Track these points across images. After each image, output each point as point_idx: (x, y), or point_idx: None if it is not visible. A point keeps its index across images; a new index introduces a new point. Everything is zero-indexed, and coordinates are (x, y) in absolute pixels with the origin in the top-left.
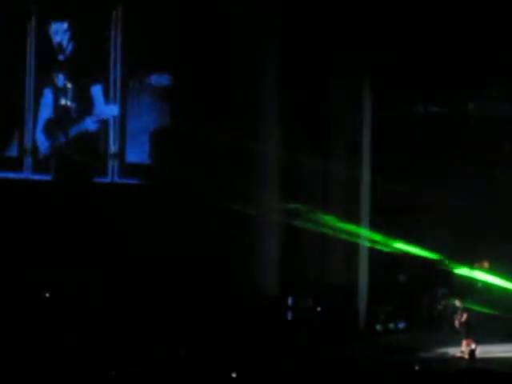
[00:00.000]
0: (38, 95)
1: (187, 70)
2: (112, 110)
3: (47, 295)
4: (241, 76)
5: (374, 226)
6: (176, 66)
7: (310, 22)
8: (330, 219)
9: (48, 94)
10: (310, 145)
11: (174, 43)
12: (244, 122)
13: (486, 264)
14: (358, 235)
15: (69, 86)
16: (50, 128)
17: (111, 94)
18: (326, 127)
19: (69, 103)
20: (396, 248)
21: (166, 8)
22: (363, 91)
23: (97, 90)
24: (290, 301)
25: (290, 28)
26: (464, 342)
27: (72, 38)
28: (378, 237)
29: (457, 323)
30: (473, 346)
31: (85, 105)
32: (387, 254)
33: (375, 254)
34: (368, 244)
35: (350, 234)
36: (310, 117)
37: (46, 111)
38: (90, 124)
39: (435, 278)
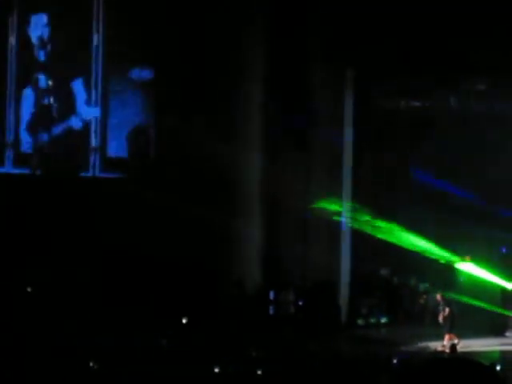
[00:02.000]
0: (20, 93)
1: (169, 64)
2: (95, 112)
3: (28, 290)
4: (223, 69)
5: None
6: (158, 59)
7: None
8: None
9: (29, 93)
10: (292, 140)
11: (156, 37)
12: (226, 115)
13: (468, 258)
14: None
15: (50, 83)
16: (33, 126)
17: (93, 88)
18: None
19: (51, 102)
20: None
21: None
22: (346, 84)
23: (78, 85)
24: (271, 295)
25: (274, 21)
26: (446, 336)
27: (52, 32)
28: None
29: (440, 317)
30: (455, 341)
31: (67, 103)
32: (369, 246)
33: (357, 248)
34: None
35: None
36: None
37: (27, 110)
38: (74, 123)
39: (417, 272)
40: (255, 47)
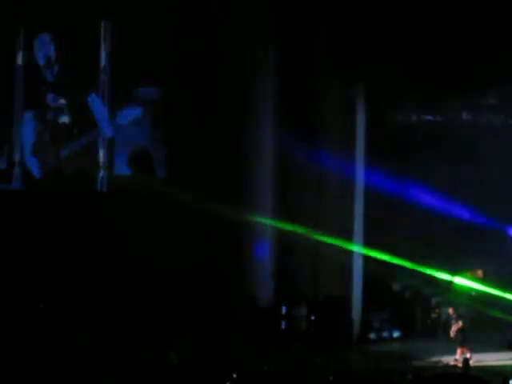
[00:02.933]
0: (27, 113)
1: (176, 80)
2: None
3: (41, 306)
4: (231, 84)
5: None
6: (165, 77)
7: (305, 25)
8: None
9: (38, 113)
10: (303, 151)
11: (164, 55)
12: (235, 128)
13: (480, 272)
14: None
15: (62, 102)
16: (44, 145)
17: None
18: (320, 133)
19: (66, 120)
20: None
21: (155, 20)
22: (357, 98)
23: (95, 101)
24: (283, 310)
25: (284, 31)
26: (459, 351)
27: (59, 51)
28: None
29: (452, 332)
30: (468, 355)
31: (84, 117)
32: (381, 262)
33: (369, 263)
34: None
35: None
36: (304, 117)
37: (36, 129)
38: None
39: (429, 286)
40: (265, 62)
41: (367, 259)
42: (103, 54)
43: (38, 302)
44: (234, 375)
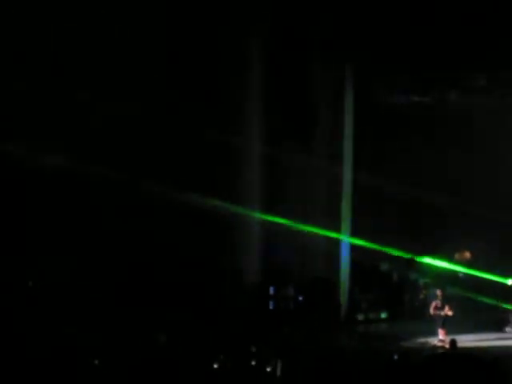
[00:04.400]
0: None
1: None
2: None
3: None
4: (223, 70)
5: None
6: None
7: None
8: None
9: None
10: (293, 136)
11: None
12: (229, 123)
13: (468, 254)
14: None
15: None
16: None
17: None
18: (312, 120)
19: None
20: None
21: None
22: (346, 82)
23: None
24: (271, 290)
25: (274, 22)
26: (441, 331)
27: None
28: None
29: (432, 309)
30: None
31: None
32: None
33: (357, 244)
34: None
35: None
36: (294, 106)
37: None
38: None
39: (417, 268)
40: (255, 48)
41: (355, 242)
42: None
43: (26, 280)
44: (222, 356)
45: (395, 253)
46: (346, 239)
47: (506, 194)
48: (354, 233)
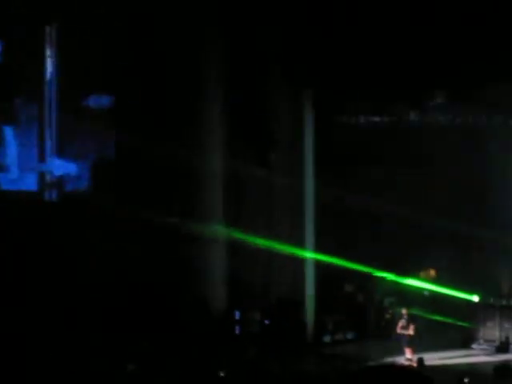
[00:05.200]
0: None
1: (128, 88)
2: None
3: None
4: (182, 88)
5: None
6: (116, 84)
7: (252, 31)
8: (275, 235)
9: None
10: (253, 157)
11: (113, 61)
12: (187, 136)
13: (433, 272)
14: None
15: None
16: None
17: (46, 119)
18: (270, 141)
19: None
20: (341, 261)
21: (102, 24)
22: (305, 101)
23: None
24: (237, 315)
25: (232, 36)
26: (407, 350)
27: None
28: (321, 256)
29: (398, 328)
30: (409, 356)
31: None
32: (333, 266)
33: (321, 265)
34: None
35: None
36: (253, 129)
37: None
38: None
39: (381, 287)
40: (214, 69)
41: (319, 263)
42: (47, 61)
43: None
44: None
45: (359, 269)
46: (311, 258)
47: (468, 209)
48: (318, 251)
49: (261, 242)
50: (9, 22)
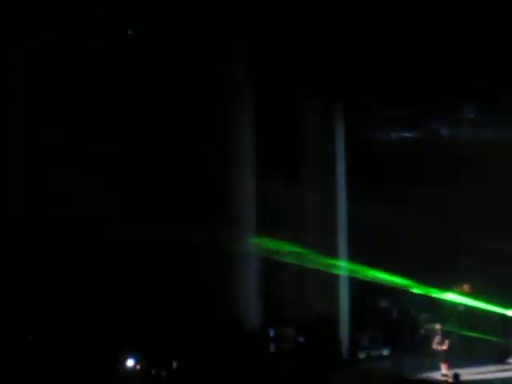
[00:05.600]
0: None
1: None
2: None
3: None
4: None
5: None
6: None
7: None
8: (308, 251)
9: None
10: (285, 176)
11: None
12: (219, 151)
13: (467, 287)
14: (335, 266)
15: None
16: None
17: None
18: (301, 157)
19: None
20: (375, 276)
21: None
22: (336, 118)
23: None
24: (271, 332)
25: (261, 56)
26: (443, 366)
27: None
28: (355, 266)
29: (435, 344)
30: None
31: None
32: (367, 281)
33: (355, 281)
34: (346, 273)
35: (327, 265)
36: (284, 143)
37: None
38: None
39: (416, 302)
40: (244, 84)
41: (353, 278)
42: None
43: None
44: None
45: (393, 285)
46: (345, 273)
47: (506, 224)
48: (352, 266)
49: (294, 258)
50: None
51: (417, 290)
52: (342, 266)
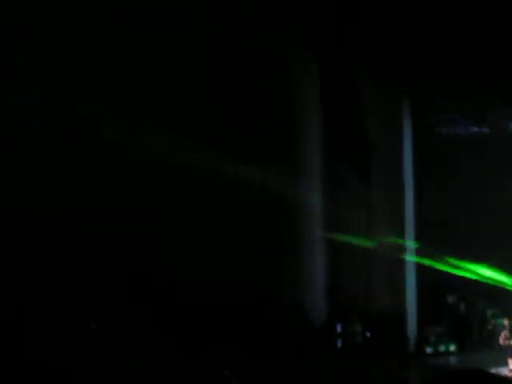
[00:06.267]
0: None
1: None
2: None
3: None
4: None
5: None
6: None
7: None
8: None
9: None
10: (351, 172)
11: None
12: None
13: None
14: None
15: None
16: None
17: None
18: (367, 153)
19: None
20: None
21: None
22: (403, 113)
23: None
24: (338, 328)
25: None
26: (511, 361)
27: None
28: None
29: (501, 340)
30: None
31: None
32: (434, 276)
33: (422, 275)
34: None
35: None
36: (350, 139)
37: None
38: None
39: (484, 297)
40: (308, 77)
41: (420, 272)
42: None
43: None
44: None
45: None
46: (412, 268)
47: None
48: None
49: (361, 252)
50: None
51: (485, 283)
52: (410, 259)
